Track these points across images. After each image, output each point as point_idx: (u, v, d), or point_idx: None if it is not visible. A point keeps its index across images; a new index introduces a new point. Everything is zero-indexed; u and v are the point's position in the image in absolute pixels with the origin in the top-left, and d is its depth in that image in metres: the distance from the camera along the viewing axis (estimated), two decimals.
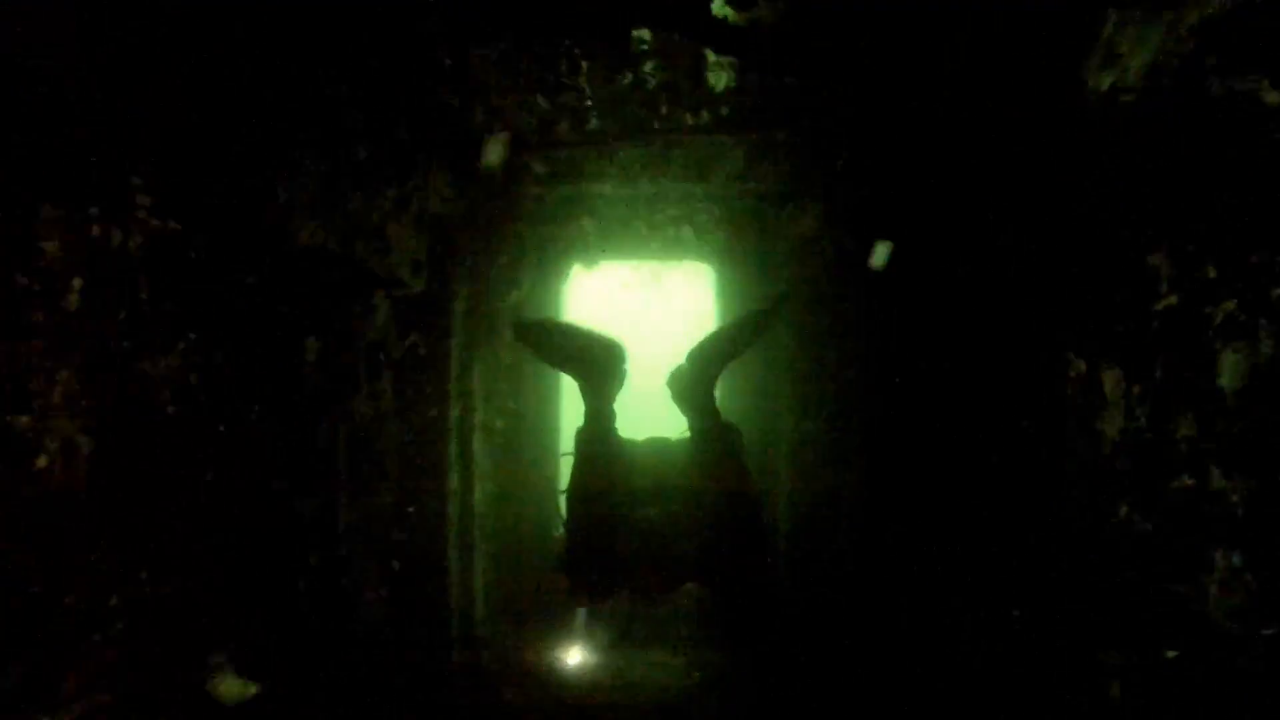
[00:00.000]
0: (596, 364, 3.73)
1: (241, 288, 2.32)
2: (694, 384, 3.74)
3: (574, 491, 3.75)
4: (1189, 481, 1.71)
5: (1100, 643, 1.96)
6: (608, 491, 3.75)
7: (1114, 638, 1.92)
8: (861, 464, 4.31)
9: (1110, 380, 1.93)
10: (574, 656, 5.29)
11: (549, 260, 6.04)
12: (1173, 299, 1.77)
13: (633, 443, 4.00)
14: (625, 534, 3.76)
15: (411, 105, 3.05)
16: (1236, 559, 1.61)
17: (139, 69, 2.04)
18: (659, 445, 4.11)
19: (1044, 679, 2.24)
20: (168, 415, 2.11)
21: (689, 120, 4.26)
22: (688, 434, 3.85)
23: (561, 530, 3.80)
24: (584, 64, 3.69)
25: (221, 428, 2.25)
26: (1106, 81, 1.97)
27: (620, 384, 3.84)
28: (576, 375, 3.80)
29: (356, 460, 2.88)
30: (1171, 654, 1.74)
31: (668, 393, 3.83)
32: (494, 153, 4.06)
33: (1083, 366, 2.00)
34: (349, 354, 2.81)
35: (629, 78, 3.86)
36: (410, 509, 4.97)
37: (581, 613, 5.48)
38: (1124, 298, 1.87)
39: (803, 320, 5.58)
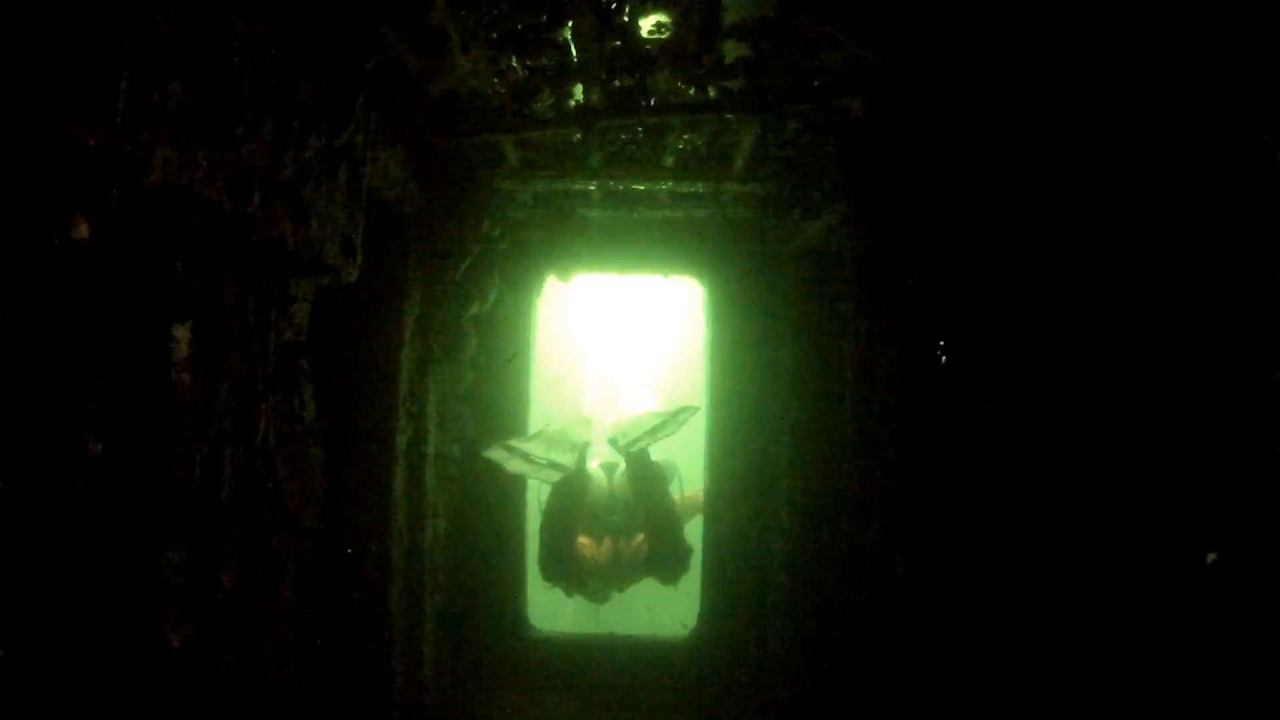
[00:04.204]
0: (577, 446, 5.36)
1: (64, 246, 1.56)
2: (626, 447, 5.57)
3: (551, 512, 5.43)
4: None
5: None
6: (575, 510, 5.44)
7: None
8: (884, 512, 3.59)
9: None
10: None
11: (519, 269, 5.30)
12: None
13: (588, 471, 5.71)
14: (588, 540, 5.55)
15: (345, 30, 2.33)
16: None
17: None
18: (609, 468, 5.98)
19: None
20: None
21: (691, 94, 3.57)
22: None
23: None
24: (569, 11, 2.99)
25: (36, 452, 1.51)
26: None
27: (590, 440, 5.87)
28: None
29: (250, 496, 2.11)
30: None
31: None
32: None
33: None
34: (243, 351, 2.04)
35: (622, 35, 3.16)
36: (349, 552, 4.17)
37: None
38: None
39: (802, 356, 4.83)
